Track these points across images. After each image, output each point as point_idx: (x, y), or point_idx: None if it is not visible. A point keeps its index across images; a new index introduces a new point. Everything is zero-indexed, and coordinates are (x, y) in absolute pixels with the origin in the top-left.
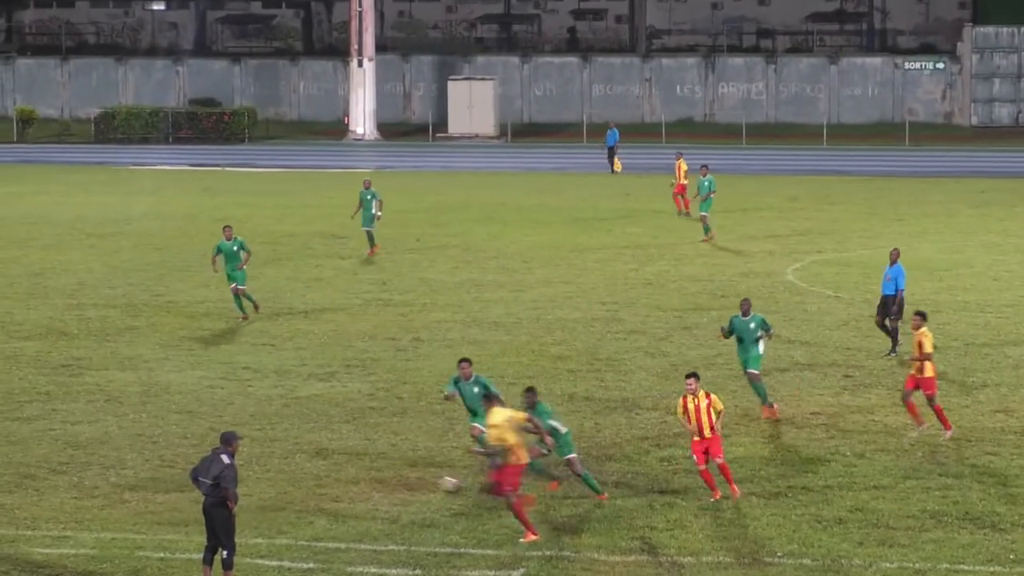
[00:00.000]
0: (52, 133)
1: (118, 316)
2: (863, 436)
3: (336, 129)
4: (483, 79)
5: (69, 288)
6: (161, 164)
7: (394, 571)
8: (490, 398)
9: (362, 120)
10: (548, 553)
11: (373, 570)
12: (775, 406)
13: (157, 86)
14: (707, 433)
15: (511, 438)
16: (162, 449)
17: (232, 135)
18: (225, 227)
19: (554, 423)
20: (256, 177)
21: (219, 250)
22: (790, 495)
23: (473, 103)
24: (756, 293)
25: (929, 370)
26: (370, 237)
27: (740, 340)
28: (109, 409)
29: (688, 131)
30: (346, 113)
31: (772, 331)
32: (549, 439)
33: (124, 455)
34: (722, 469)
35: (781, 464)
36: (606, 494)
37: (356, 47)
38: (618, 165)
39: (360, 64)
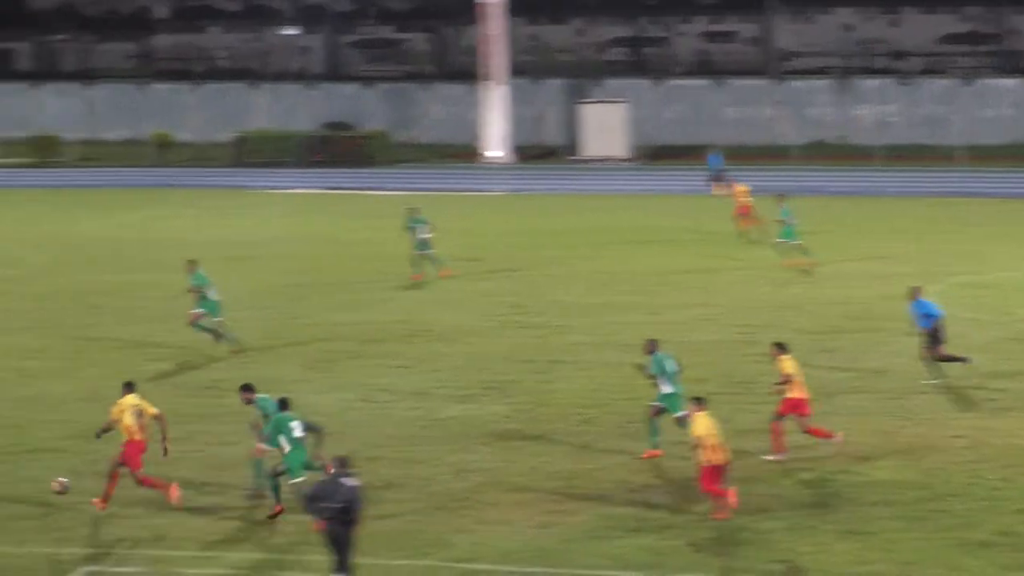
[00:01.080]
0: (189, 157)
1: (257, 338)
2: (1006, 459)
3: (468, 152)
4: (614, 102)
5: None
6: (295, 187)
7: None
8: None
9: (495, 143)
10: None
11: None
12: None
13: (290, 110)
14: None
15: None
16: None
17: (364, 158)
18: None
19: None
20: (389, 200)
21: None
22: (933, 518)
23: (604, 126)
24: (893, 315)
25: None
26: (416, 262)
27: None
28: (250, 431)
29: (820, 153)
30: (478, 136)
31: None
32: None
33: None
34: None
35: (923, 488)
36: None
37: (487, 70)
38: (718, 189)
39: (491, 88)
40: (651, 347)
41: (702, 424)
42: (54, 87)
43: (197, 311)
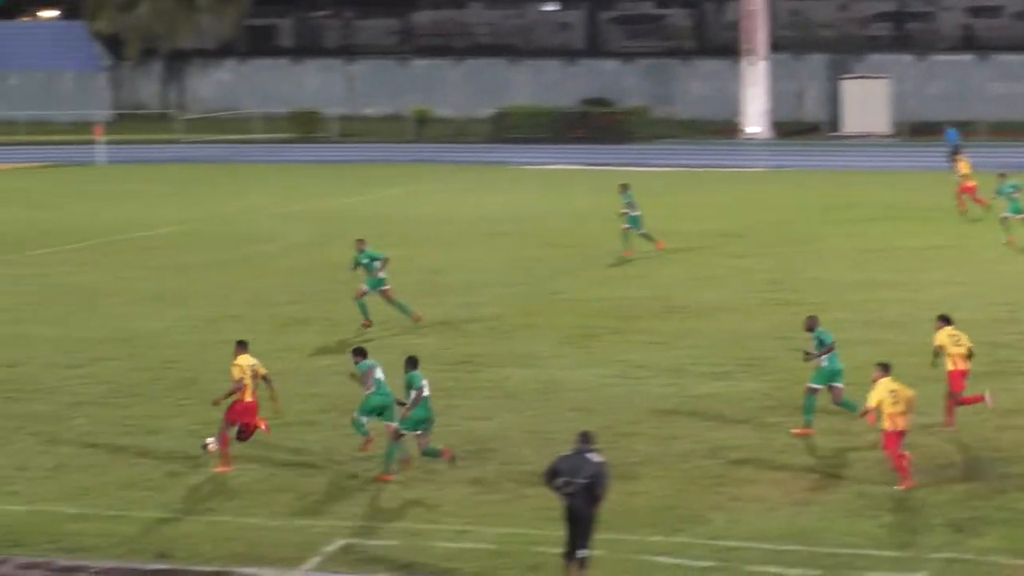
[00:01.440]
0: (448, 133)
1: (514, 314)
2: None
3: (728, 128)
4: (877, 77)
5: (466, 285)
6: (554, 163)
7: (794, 571)
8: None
9: (755, 119)
10: (949, 556)
11: (772, 570)
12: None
13: (550, 86)
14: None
15: None
16: (559, 446)
17: (624, 134)
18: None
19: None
20: (648, 176)
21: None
22: None
23: (866, 102)
24: None
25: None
26: (626, 236)
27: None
28: (507, 405)
29: None
30: (739, 112)
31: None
32: None
33: (522, 451)
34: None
35: None
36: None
37: (748, 46)
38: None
39: (752, 63)
40: (811, 324)
41: (882, 389)
42: (316, 63)
43: (364, 288)
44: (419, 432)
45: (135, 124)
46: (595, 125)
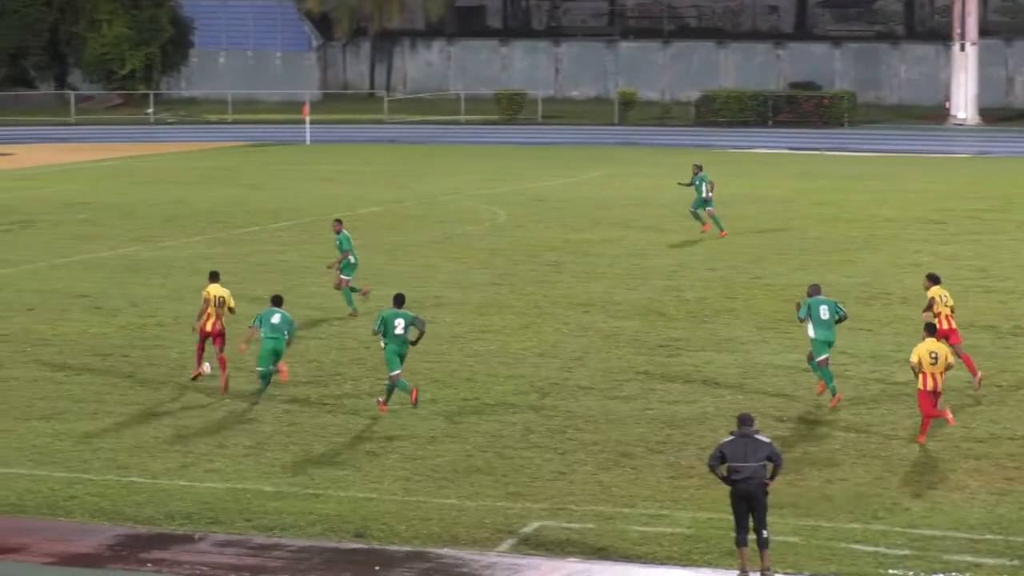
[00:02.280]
0: (653, 116)
1: (716, 298)
2: None
3: (936, 113)
4: None
5: (668, 269)
6: (759, 147)
7: (991, 561)
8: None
9: (963, 104)
10: None
11: (969, 559)
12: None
13: (757, 70)
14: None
15: None
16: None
17: (831, 119)
18: (335, 220)
19: None
20: (855, 161)
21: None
22: None
23: None
24: None
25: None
26: (696, 217)
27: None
28: (706, 390)
29: None
30: (947, 97)
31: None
32: None
33: (720, 436)
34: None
35: None
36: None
37: (958, 31)
38: None
39: (962, 48)
40: (812, 291)
41: (922, 350)
42: (523, 45)
43: (345, 277)
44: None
45: (342, 104)
46: (802, 109)
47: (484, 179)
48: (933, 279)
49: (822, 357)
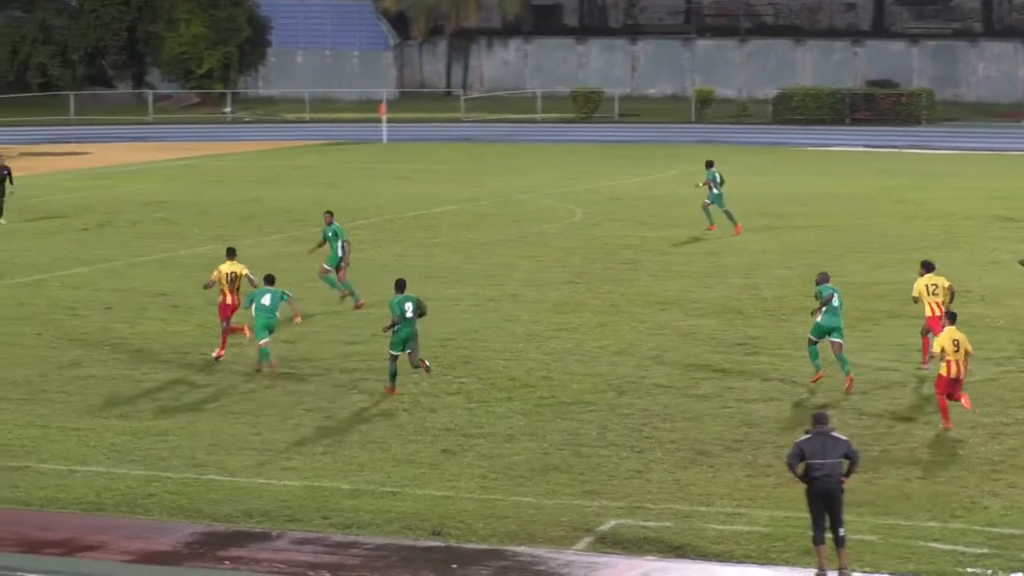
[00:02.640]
0: (729, 114)
1: (793, 296)
2: None
3: (1014, 111)
4: None
5: (745, 267)
6: (837, 145)
7: None
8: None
9: None
10: None
11: None
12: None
13: (835, 67)
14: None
15: None
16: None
17: (909, 117)
18: (326, 212)
19: None
20: (932, 159)
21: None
22: None
23: None
24: None
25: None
26: (707, 212)
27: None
28: (784, 389)
29: None
30: None
31: None
32: None
33: (797, 435)
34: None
35: None
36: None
37: None
38: None
39: None
40: (822, 279)
41: (945, 338)
42: (599, 43)
43: (327, 267)
44: (409, 351)
45: (419, 103)
46: (880, 107)
47: (560, 177)
48: (927, 267)
49: (837, 340)
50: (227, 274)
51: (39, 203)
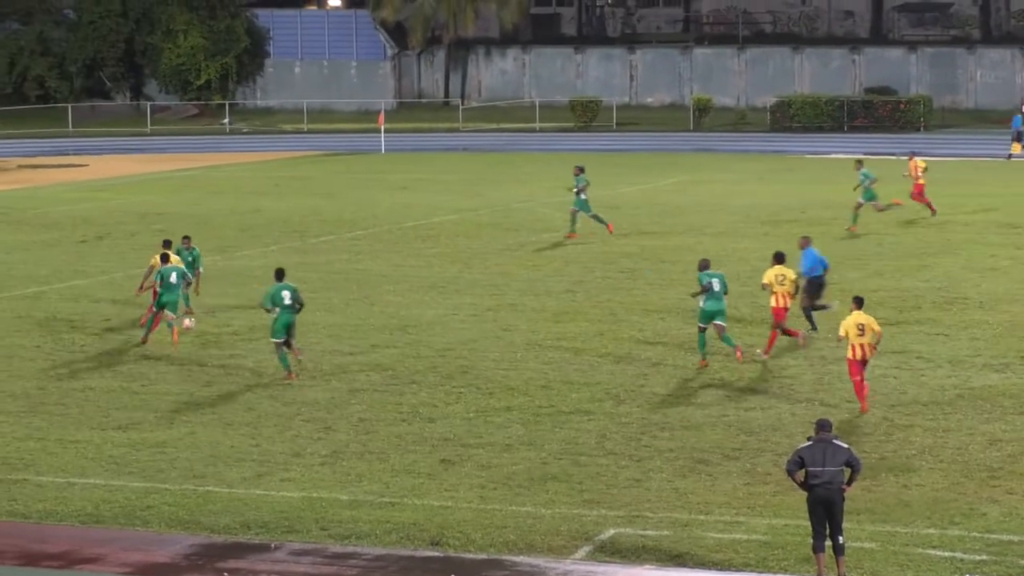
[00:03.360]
0: (728, 122)
1: (792, 303)
2: None
3: (1012, 117)
4: None
5: (744, 275)
6: (835, 152)
7: None
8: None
9: None
10: None
11: None
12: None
13: (833, 75)
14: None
15: None
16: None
17: (907, 124)
18: (184, 237)
19: None
20: (931, 166)
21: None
22: None
23: None
24: None
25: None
26: (598, 219)
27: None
28: (781, 397)
29: None
30: (1023, 101)
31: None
32: None
33: (796, 442)
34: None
35: None
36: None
37: None
38: (1016, 148)
39: None
40: (703, 265)
41: (850, 322)
42: (598, 52)
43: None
44: (284, 339)
45: (417, 113)
46: (878, 114)
47: (559, 187)
48: (778, 258)
49: (720, 323)
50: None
51: (37, 215)
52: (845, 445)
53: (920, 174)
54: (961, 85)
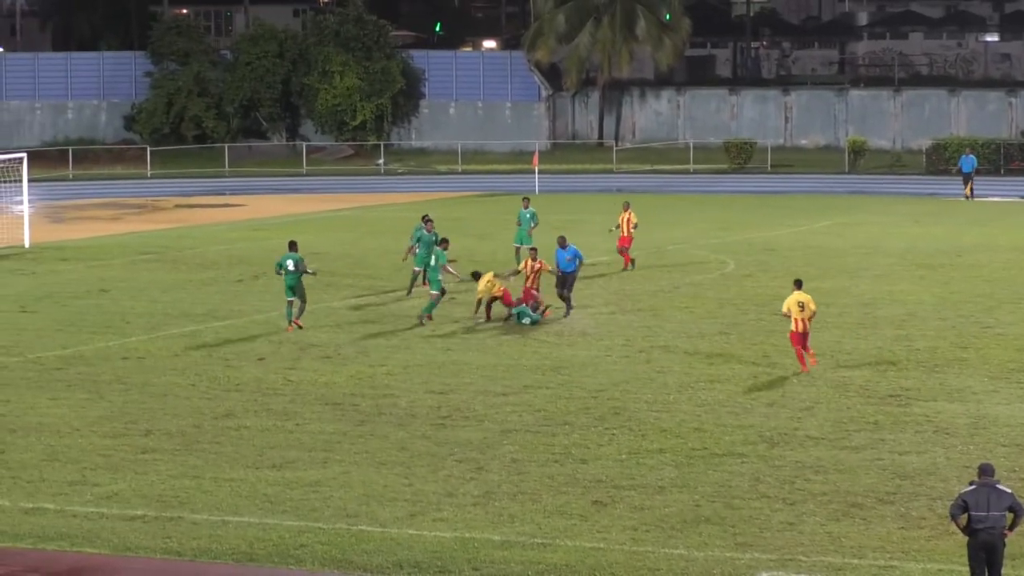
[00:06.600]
0: (883, 164)
1: (947, 347)
2: None
3: None
4: None
5: (899, 318)
6: (992, 196)
7: None
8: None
9: None
10: None
11: None
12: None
13: (989, 117)
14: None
15: None
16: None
17: None
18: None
19: None
20: None
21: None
22: None
23: None
24: None
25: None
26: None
27: None
28: (937, 440)
29: None
30: None
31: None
32: None
33: (952, 487)
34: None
35: None
36: None
37: None
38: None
39: None
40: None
41: (793, 300)
42: (752, 93)
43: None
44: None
45: (571, 154)
46: None
47: (712, 228)
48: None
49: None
50: None
51: (194, 254)
52: (1008, 490)
53: (629, 227)
54: None
